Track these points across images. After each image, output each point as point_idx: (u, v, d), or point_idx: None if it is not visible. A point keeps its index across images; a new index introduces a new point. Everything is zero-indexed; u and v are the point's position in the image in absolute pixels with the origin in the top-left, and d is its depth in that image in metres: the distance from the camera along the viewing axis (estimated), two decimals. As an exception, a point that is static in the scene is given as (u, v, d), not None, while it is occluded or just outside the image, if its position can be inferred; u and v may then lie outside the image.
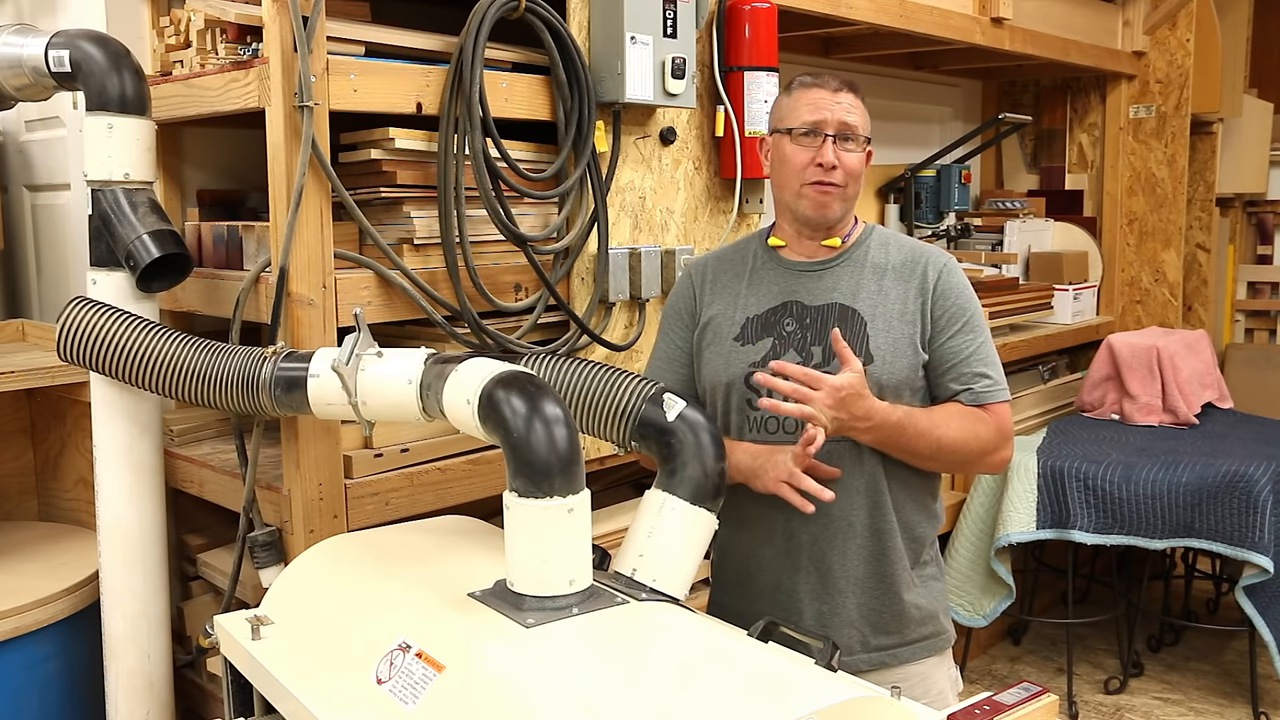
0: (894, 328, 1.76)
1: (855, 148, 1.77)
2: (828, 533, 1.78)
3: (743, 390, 1.80)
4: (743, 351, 1.81)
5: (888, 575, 1.79)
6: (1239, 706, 3.46)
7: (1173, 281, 4.42)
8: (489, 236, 2.16)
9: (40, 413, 2.57)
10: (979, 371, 1.77)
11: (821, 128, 1.75)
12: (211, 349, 1.82)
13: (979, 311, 1.82)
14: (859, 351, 1.73)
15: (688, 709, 1.13)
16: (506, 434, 1.39)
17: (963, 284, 1.81)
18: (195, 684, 2.24)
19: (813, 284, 1.82)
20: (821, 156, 1.75)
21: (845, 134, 1.76)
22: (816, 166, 1.75)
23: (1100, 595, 4.24)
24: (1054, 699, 1.25)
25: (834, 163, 1.75)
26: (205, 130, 2.39)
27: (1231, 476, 3.14)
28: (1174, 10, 4.29)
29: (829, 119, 1.75)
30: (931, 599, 1.85)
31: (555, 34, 2.15)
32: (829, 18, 2.92)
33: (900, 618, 1.81)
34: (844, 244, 1.83)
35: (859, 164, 1.78)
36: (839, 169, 1.75)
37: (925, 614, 1.83)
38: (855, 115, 1.77)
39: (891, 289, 1.79)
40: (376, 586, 1.51)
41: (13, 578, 2.16)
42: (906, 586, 1.81)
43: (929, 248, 1.85)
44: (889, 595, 1.80)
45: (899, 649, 1.81)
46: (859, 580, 1.79)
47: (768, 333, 1.81)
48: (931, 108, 4.49)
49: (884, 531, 1.79)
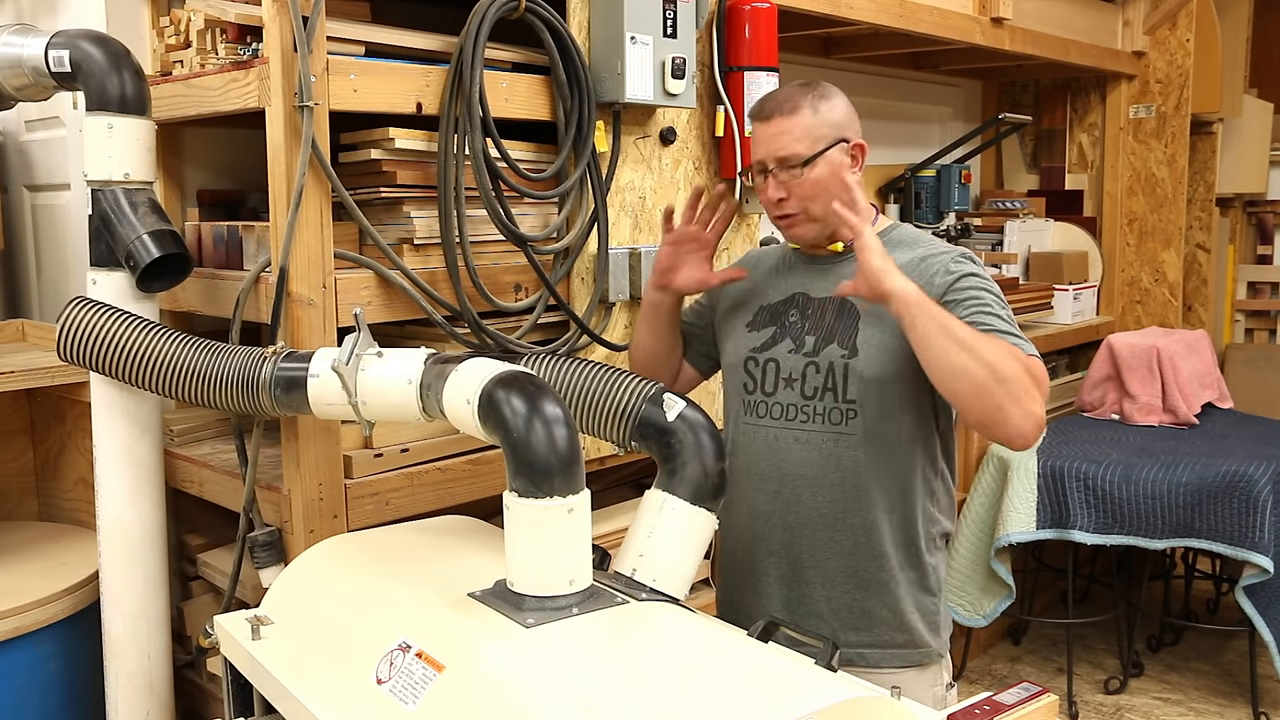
0: (886, 322, 1.73)
1: (798, 172, 1.73)
2: (799, 521, 1.79)
3: (742, 374, 1.86)
4: (748, 337, 1.87)
5: (859, 571, 1.78)
6: (1239, 706, 3.46)
7: (1173, 281, 4.42)
8: (489, 236, 2.16)
9: (40, 413, 2.57)
10: (1005, 330, 1.64)
11: (761, 165, 1.77)
12: (211, 349, 1.82)
13: (998, 297, 1.71)
14: (847, 343, 1.75)
15: (688, 709, 1.13)
16: (506, 434, 1.39)
17: (981, 272, 1.73)
18: (195, 684, 2.24)
19: (821, 278, 1.84)
20: (766, 194, 1.77)
21: (783, 165, 1.74)
22: (770, 203, 1.77)
23: (1100, 595, 4.24)
24: (1054, 699, 1.25)
25: (779, 195, 1.75)
26: (205, 130, 2.39)
27: (1231, 476, 3.14)
28: (1174, 10, 4.29)
29: (765, 155, 1.75)
30: (913, 606, 1.80)
31: (555, 34, 2.15)
32: (829, 18, 2.92)
33: (868, 616, 1.79)
34: (850, 246, 1.80)
35: (812, 185, 1.73)
36: (789, 198, 1.75)
37: (899, 619, 1.79)
38: (792, 141, 1.73)
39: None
40: (376, 586, 1.51)
41: (13, 578, 2.16)
42: (882, 586, 1.78)
43: (947, 247, 1.79)
44: (860, 591, 1.78)
45: (867, 650, 1.78)
46: (829, 574, 1.79)
47: (773, 322, 1.86)
48: (931, 108, 4.49)
49: (859, 527, 1.77)
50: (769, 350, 1.84)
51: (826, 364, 1.77)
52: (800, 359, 1.79)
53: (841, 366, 1.75)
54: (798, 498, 1.79)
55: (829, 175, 1.74)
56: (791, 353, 1.80)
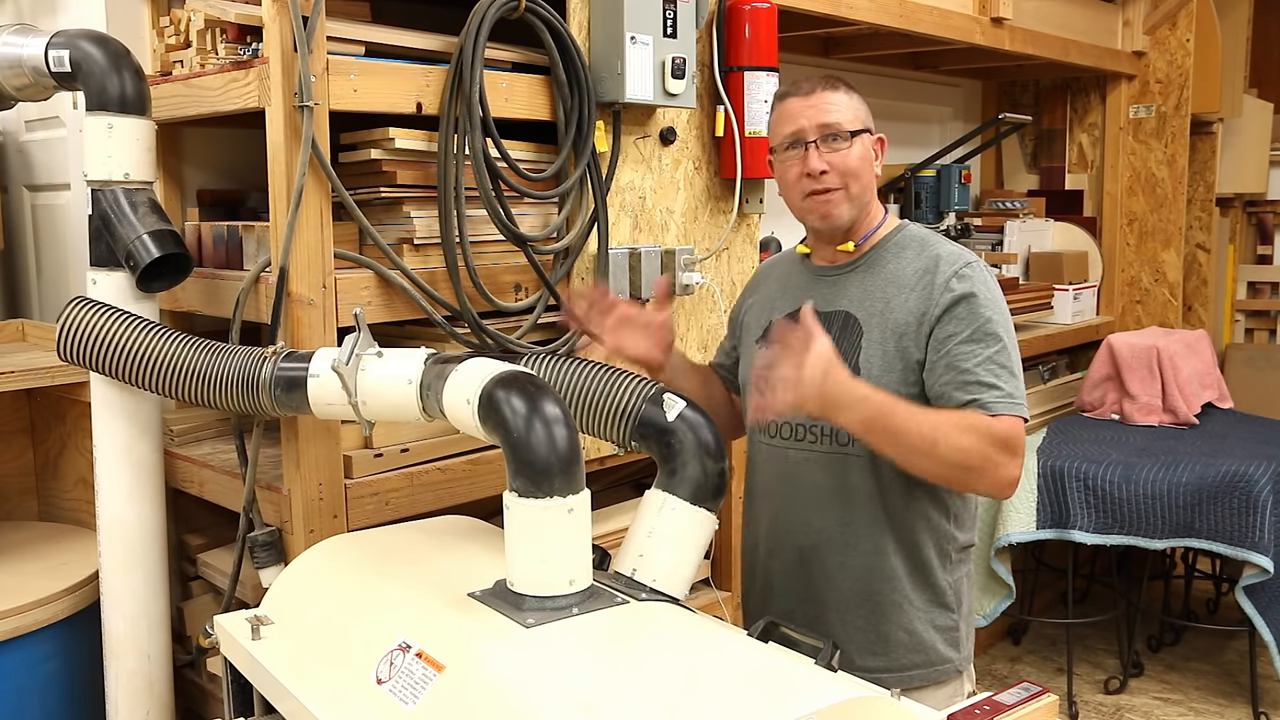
0: (889, 340, 1.70)
1: (844, 144, 1.69)
2: (810, 543, 1.77)
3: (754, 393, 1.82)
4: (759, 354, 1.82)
5: (873, 595, 1.75)
6: (1239, 706, 3.46)
7: (1173, 281, 4.42)
8: (489, 236, 2.16)
9: (40, 413, 2.57)
10: (987, 381, 1.62)
11: (801, 136, 1.70)
12: (211, 349, 1.82)
13: (1000, 321, 1.67)
14: (849, 362, 1.70)
15: (688, 709, 1.13)
16: (506, 434, 1.39)
17: (981, 291, 1.68)
18: (195, 684, 2.24)
19: (828, 290, 1.80)
20: (808, 165, 1.70)
21: (828, 134, 1.69)
22: (807, 177, 1.71)
23: (1100, 595, 4.24)
24: (1054, 699, 1.25)
25: (822, 167, 1.69)
26: (205, 130, 2.39)
27: (1231, 476, 3.14)
28: (1174, 10, 4.30)
29: (806, 125, 1.70)
30: (929, 625, 1.77)
31: (555, 34, 2.15)
32: (829, 18, 2.92)
33: (884, 640, 1.76)
34: (860, 247, 1.78)
35: (856, 160, 1.70)
36: (830, 171, 1.70)
37: (915, 640, 1.76)
38: (836, 112, 1.70)
39: (897, 298, 1.72)
40: (376, 586, 1.51)
41: (13, 578, 2.16)
42: (896, 609, 1.75)
43: (953, 253, 1.73)
44: (874, 615, 1.75)
45: (884, 674, 1.71)
46: (842, 596, 1.76)
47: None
48: (931, 108, 4.49)
49: (870, 551, 1.74)
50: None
51: None
52: None
53: None
54: (808, 520, 1.77)
55: (864, 158, 1.72)
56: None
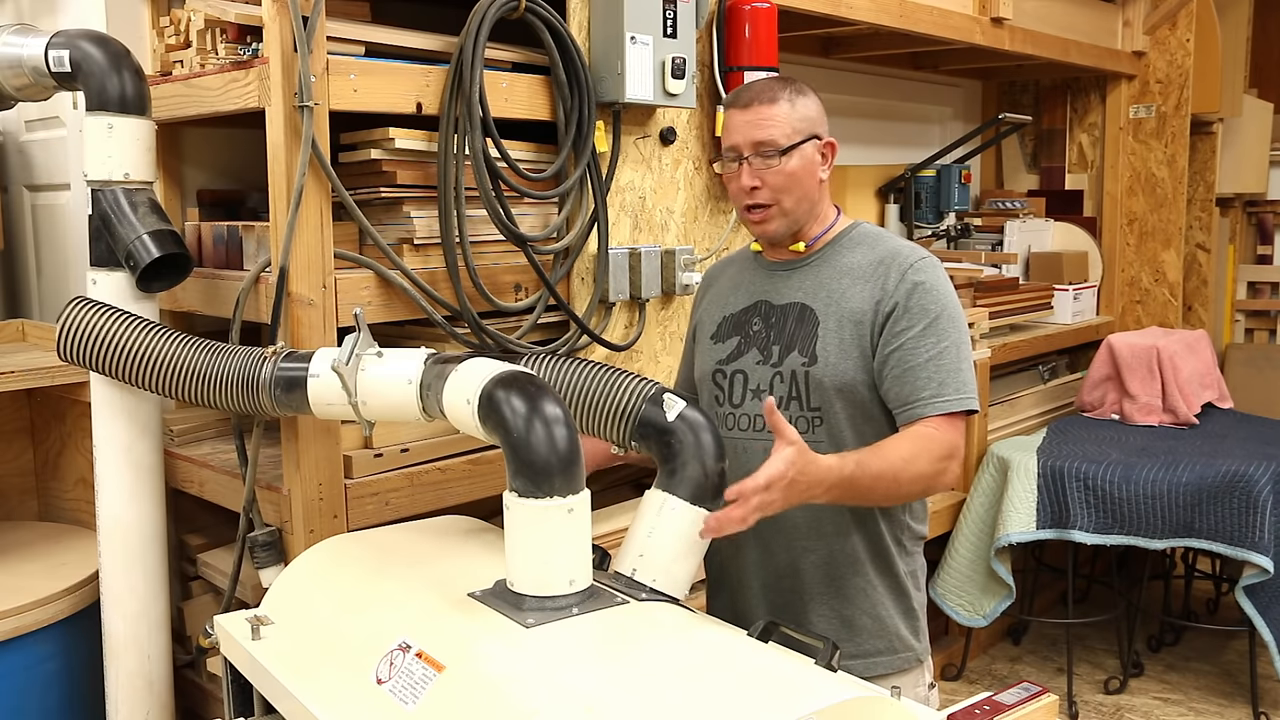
0: (845, 328, 1.72)
1: (776, 161, 1.70)
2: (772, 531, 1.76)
3: (711, 387, 1.85)
4: (714, 349, 1.86)
5: (837, 580, 1.77)
6: (1239, 706, 3.46)
7: (1173, 281, 4.42)
8: (489, 236, 2.16)
9: (40, 413, 2.57)
10: (935, 380, 1.66)
11: (736, 151, 1.73)
12: (211, 349, 1.82)
13: (951, 316, 1.70)
14: (806, 351, 1.74)
15: (688, 709, 1.13)
16: (506, 434, 1.39)
17: (934, 284, 1.71)
18: (195, 684, 2.24)
19: (782, 284, 1.82)
20: (738, 182, 1.74)
21: (760, 151, 1.71)
22: (743, 192, 1.74)
23: (1100, 595, 4.24)
24: (1054, 699, 1.25)
25: (753, 183, 1.72)
26: (205, 130, 2.39)
27: (1231, 476, 3.14)
28: (1174, 10, 4.30)
29: (740, 141, 1.72)
30: (893, 611, 1.79)
31: (555, 34, 2.15)
32: (829, 18, 2.92)
33: (850, 625, 1.78)
34: (811, 247, 1.80)
35: (788, 175, 1.71)
36: (762, 188, 1.72)
37: (879, 626, 1.78)
38: (771, 127, 1.70)
39: (851, 289, 1.74)
40: (376, 586, 1.51)
41: (13, 578, 2.16)
42: (860, 594, 1.77)
43: (905, 248, 1.77)
44: (839, 600, 1.77)
45: (851, 661, 1.72)
46: (807, 584, 1.78)
47: (736, 331, 1.85)
48: (931, 108, 4.49)
49: (832, 535, 1.76)
50: (735, 361, 1.82)
51: (789, 372, 1.76)
52: (768, 370, 1.78)
53: (803, 374, 1.74)
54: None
55: (802, 169, 1.73)
56: (759, 364, 1.79)
